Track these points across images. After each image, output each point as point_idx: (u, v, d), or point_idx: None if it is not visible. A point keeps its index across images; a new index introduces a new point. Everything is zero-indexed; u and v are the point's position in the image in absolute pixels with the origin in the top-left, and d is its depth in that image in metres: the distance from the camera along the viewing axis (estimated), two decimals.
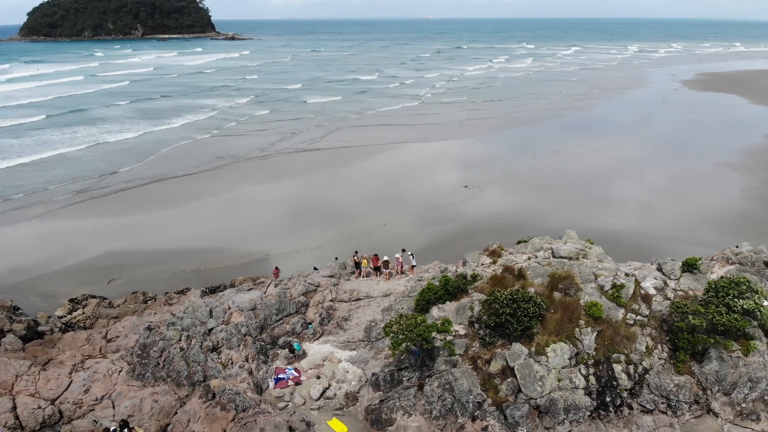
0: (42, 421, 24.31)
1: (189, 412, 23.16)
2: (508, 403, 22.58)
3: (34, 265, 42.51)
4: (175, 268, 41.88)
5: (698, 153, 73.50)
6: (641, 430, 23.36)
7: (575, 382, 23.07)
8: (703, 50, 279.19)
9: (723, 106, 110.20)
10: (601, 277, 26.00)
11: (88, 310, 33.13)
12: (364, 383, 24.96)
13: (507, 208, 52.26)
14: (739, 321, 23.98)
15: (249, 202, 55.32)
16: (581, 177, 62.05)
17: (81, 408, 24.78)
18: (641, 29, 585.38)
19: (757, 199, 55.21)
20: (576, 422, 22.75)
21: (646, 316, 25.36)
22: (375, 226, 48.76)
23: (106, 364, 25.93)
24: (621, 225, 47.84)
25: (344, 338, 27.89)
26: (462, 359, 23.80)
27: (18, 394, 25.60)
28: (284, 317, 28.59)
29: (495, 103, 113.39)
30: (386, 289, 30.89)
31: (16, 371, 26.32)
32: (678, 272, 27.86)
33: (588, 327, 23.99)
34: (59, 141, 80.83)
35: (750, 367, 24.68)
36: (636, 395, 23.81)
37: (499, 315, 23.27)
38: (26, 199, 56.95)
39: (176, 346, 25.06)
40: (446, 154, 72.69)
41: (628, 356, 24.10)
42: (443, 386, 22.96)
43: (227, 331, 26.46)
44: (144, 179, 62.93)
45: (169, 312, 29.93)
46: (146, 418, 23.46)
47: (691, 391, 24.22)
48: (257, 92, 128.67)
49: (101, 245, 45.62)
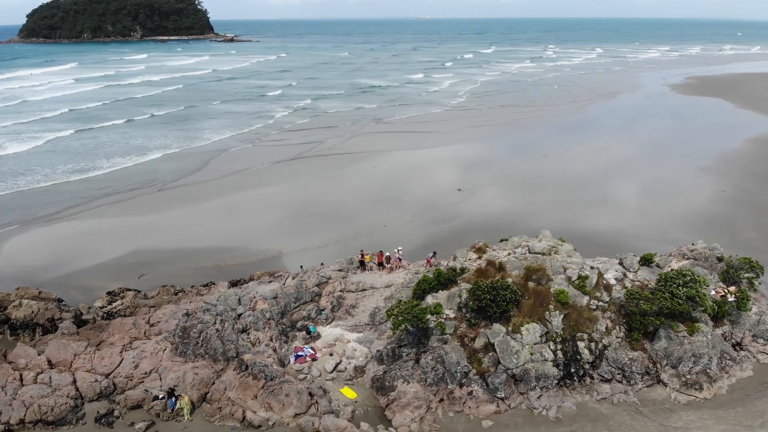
0: (99, 392, 28.99)
1: (225, 382, 27.94)
2: (489, 373, 27.40)
3: (70, 262, 47.10)
4: (197, 265, 46.54)
5: (678, 157, 78.01)
6: (600, 395, 28.21)
7: (545, 356, 27.88)
8: (696, 52, 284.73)
9: (708, 111, 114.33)
10: (569, 269, 30.82)
11: (126, 301, 37.80)
12: (370, 359, 29.75)
13: (497, 210, 56.98)
14: (682, 305, 28.81)
15: (259, 204, 60.04)
16: (566, 180, 66.81)
17: (132, 381, 29.50)
18: (633, 29, 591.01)
19: (728, 201, 59.82)
20: (545, 388, 27.57)
21: (607, 302, 30.19)
22: (376, 226, 53.44)
23: (151, 344, 30.69)
24: (598, 224, 52.62)
25: (352, 322, 32.71)
26: (451, 337, 28.63)
27: (77, 370, 30.29)
28: (301, 305, 33.46)
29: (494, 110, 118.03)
30: (387, 281, 35.78)
31: (75, 351, 31.05)
32: (636, 266, 32.73)
33: (556, 311, 28.81)
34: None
35: (694, 345, 29.53)
36: (596, 367, 28.64)
37: (481, 300, 28.09)
38: (66, 201, 61.36)
39: (212, 328, 29.85)
40: (443, 159, 77.39)
41: (590, 335, 28.91)
42: (436, 359, 27.78)
43: (254, 315, 31.26)
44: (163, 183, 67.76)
45: (201, 301, 34.65)
46: (189, 387, 28.19)
47: (643, 364, 29.07)
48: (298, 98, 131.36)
49: (128, 244, 50.25)
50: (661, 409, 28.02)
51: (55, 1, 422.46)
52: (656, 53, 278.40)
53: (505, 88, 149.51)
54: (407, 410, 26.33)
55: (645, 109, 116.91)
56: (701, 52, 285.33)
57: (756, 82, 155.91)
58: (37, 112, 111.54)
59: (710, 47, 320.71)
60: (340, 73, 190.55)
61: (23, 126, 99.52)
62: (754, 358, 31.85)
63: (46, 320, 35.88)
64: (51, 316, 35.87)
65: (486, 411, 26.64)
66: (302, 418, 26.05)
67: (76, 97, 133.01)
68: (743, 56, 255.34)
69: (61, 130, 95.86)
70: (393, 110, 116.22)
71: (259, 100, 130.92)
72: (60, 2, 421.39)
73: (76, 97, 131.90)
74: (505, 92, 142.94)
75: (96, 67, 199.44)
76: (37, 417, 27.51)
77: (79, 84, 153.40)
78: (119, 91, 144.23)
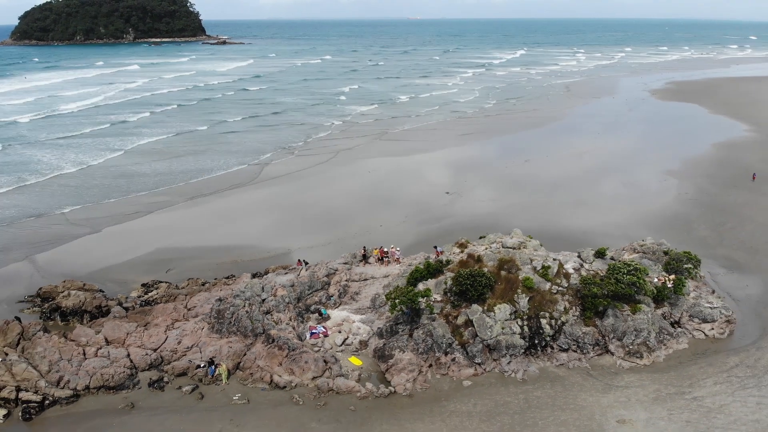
0: (150, 363, 35.35)
1: (255, 353, 34.39)
2: (468, 344, 34.02)
3: (103, 259, 53.24)
4: (216, 261, 52.78)
5: (649, 161, 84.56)
6: (558, 362, 34.89)
7: (514, 330, 34.51)
8: (680, 56, 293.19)
9: (683, 116, 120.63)
10: (535, 260, 37.49)
11: (161, 291, 44.06)
12: (372, 334, 36.29)
13: (480, 211, 63.50)
14: (625, 289, 35.55)
15: (269, 207, 66.45)
16: (544, 184, 73.45)
17: (176, 354, 35.87)
18: (620, 31, 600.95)
19: (687, 203, 66.48)
20: (514, 356, 34.21)
21: (565, 287, 36.87)
22: (373, 226, 59.87)
23: (191, 324, 37.09)
24: (570, 223, 59.28)
25: (356, 306, 39.28)
26: (438, 316, 35.25)
27: (129, 346, 36.62)
28: (313, 292, 40.02)
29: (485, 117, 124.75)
30: (386, 272, 42.40)
31: (127, 330, 37.37)
32: (592, 258, 39.48)
33: (523, 294, 35.45)
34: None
35: (636, 322, 36.26)
36: (555, 339, 35.31)
37: (462, 286, 34.72)
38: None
39: (242, 310, 36.29)
40: (432, 164, 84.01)
41: (551, 314, 35.57)
42: (426, 333, 34.36)
43: (276, 300, 37.74)
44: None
45: (230, 289, 41.05)
46: (225, 358, 34.59)
47: (594, 337, 35.77)
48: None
49: (152, 243, 56.44)
50: (608, 373, 34.74)
51: (48, 4, 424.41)
52: (643, 54, 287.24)
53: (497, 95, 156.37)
54: (403, 373, 32.88)
55: (623, 114, 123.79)
56: (688, 56, 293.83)
57: (733, 87, 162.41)
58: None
59: (707, 50, 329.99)
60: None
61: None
62: (690, 334, 38.62)
63: (94, 307, 42.12)
64: (99, 304, 42.13)
65: (466, 374, 33.27)
66: (319, 380, 32.57)
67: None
68: (729, 61, 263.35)
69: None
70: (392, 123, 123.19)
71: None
72: (52, 4, 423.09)
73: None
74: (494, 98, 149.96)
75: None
76: (100, 383, 33.82)
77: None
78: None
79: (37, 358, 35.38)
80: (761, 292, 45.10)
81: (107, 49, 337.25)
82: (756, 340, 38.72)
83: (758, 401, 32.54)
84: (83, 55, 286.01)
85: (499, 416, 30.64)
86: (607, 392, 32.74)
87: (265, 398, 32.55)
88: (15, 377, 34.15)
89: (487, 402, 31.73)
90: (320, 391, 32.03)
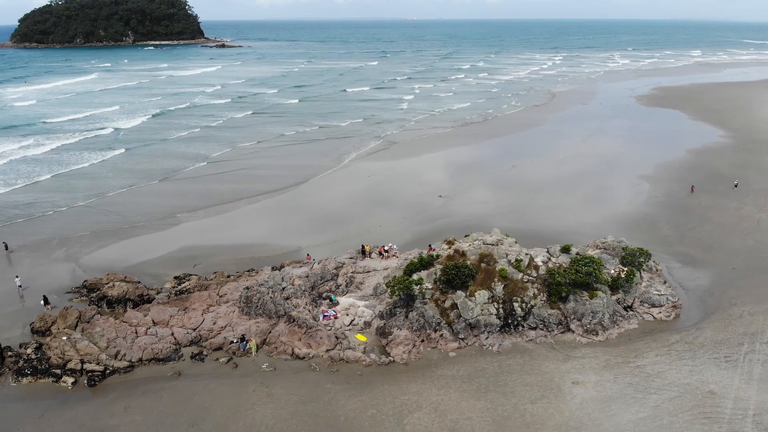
0: (191, 340, 42.66)
1: (278, 331, 41.79)
2: (454, 323, 41.46)
3: (134, 256, 60.51)
4: (236, 257, 60.08)
5: (626, 166, 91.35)
6: (528, 338, 42.30)
7: (491, 312, 41.93)
8: (663, 61, 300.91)
9: (664, 122, 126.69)
10: (510, 255, 44.95)
11: (193, 282, 51.40)
12: (374, 317, 43.71)
13: (470, 212, 70.96)
14: (582, 278, 43.03)
15: (277, 209, 73.78)
16: (528, 187, 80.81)
17: (212, 332, 43.19)
18: (618, 34, 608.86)
19: (657, 205, 73.47)
20: (491, 333, 41.65)
21: (535, 277, 44.32)
22: (373, 226, 67.25)
23: (223, 308, 44.47)
24: (548, 223, 66.65)
25: (361, 294, 46.71)
26: (429, 300, 42.71)
27: (173, 326, 43.92)
28: (324, 281, 47.49)
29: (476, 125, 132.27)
30: (385, 266, 49.90)
31: (170, 314, 44.70)
32: (558, 253, 46.95)
33: (499, 282, 42.90)
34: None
35: (593, 305, 43.68)
36: (526, 320, 42.73)
37: (449, 276, 42.18)
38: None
39: (267, 296, 43.70)
40: (427, 168, 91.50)
41: (522, 299, 42.99)
42: (419, 315, 41.80)
43: (293, 288, 45.18)
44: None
45: (254, 279, 48.47)
46: (253, 335, 41.96)
47: (558, 318, 43.20)
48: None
49: (177, 242, 63.72)
50: (569, 347, 42.20)
51: (48, 6, 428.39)
52: (627, 60, 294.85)
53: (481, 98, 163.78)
54: (400, 347, 40.31)
55: (608, 120, 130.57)
56: (674, 60, 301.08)
57: (716, 93, 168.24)
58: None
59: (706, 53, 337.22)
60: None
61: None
62: (640, 316, 46.08)
63: (137, 296, 49.40)
64: (141, 293, 49.45)
65: (452, 347, 40.72)
66: (331, 352, 40.01)
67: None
68: (717, 65, 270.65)
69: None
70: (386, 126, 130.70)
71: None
72: (52, 7, 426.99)
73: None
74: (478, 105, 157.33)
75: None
76: (150, 356, 41.10)
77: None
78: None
79: (96, 336, 42.67)
80: (709, 283, 52.51)
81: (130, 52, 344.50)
82: (697, 322, 46.10)
83: (691, 369, 40.01)
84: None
85: (477, 379, 38.11)
86: (566, 361, 40.22)
87: (288, 366, 39.97)
88: (79, 352, 41.42)
89: (468, 368, 39.19)
90: (333, 361, 39.44)
